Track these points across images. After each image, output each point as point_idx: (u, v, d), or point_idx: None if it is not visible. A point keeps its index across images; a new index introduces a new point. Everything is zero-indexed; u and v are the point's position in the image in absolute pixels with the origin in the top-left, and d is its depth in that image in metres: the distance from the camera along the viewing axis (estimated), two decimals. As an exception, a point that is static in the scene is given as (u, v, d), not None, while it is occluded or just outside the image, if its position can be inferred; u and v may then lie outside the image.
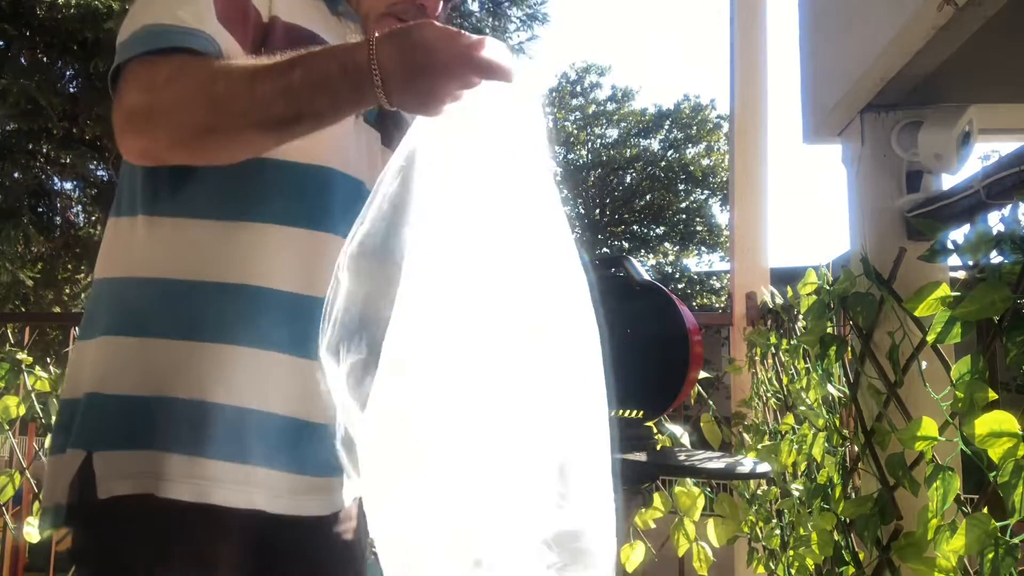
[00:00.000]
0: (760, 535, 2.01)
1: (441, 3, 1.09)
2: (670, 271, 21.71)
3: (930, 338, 1.03)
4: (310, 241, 1.02)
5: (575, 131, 24.35)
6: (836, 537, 1.41)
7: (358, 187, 1.04)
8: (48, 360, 2.45)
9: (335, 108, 0.90)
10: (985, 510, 0.95)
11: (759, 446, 1.94)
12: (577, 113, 24.56)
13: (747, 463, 1.30)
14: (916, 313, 1.08)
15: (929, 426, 1.07)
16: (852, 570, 1.37)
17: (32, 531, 2.29)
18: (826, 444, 1.51)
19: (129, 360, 0.97)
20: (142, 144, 0.93)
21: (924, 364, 1.19)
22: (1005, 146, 1.35)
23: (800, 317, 1.71)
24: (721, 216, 21.97)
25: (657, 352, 1.35)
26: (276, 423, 0.98)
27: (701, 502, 2.09)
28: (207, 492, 0.93)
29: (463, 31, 0.87)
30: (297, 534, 1.03)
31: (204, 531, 0.95)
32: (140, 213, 1.01)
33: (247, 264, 0.98)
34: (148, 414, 0.94)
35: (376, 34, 0.87)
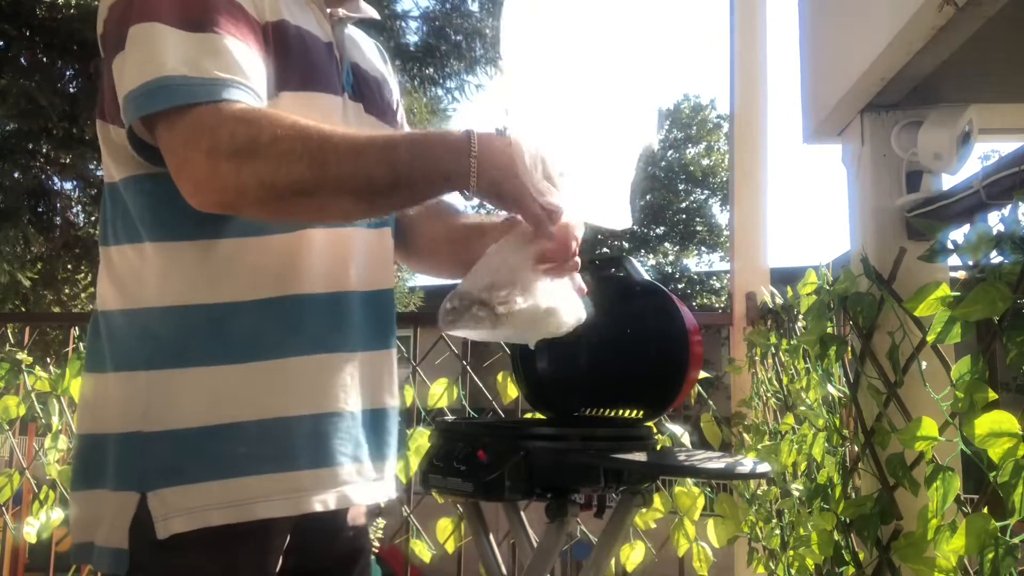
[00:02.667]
0: (760, 535, 2.01)
1: None
2: (670, 271, 21.71)
3: (930, 338, 1.03)
4: (335, 239, 1.02)
5: (575, 131, 24.34)
6: (836, 537, 1.41)
7: None
8: (48, 360, 2.45)
9: (429, 185, 0.92)
10: (985, 510, 0.95)
11: (759, 446, 1.93)
12: (577, 113, 24.55)
13: (747, 463, 1.30)
14: (916, 313, 1.08)
15: (929, 426, 1.07)
16: (852, 570, 1.37)
17: (32, 531, 2.28)
18: (826, 444, 1.51)
19: (172, 393, 0.93)
20: (227, 197, 0.87)
21: (924, 364, 1.19)
22: (1005, 146, 1.35)
23: (800, 317, 1.71)
24: (721, 216, 21.97)
25: (657, 352, 1.35)
26: (345, 420, 1.00)
27: (701, 502, 2.09)
28: (305, 503, 0.95)
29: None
30: (330, 527, 1.07)
31: (265, 542, 0.97)
32: (147, 240, 0.97)
33: (280, 275, 0.97)
34: (208, 444, 0.92)
35: (477, 134, 0.91)
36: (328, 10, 1.08)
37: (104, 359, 0.99)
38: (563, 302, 1.01)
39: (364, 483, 1.03)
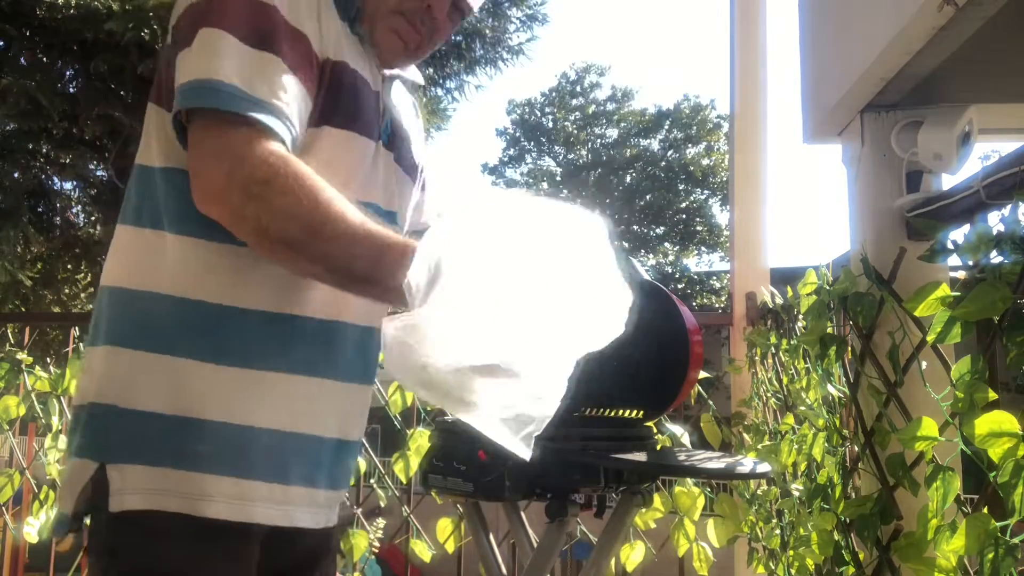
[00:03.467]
0: (760, 535, 2.01)
1: (448, 6, 1.10)
2: (670, 271, 21.73)
3: (930, 338, 1.03)
4: None
5: (575, 131, 24.36)
6: (836, 537, 1.41)
7: (392, 216, 1.12)
8: (48, 360, 2.45)
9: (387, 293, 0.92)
10: (985, 510, 0.95)
11: (759, 446, 1.94)
12: (577, 113, 24.57)
13: (747, 463, 1.30)
14: (916, 313, 1.08)
15: (929, 426, 1.07)
16: (852, 570, 1.37)
17: (32, 531, 2.29)
18: (826, 444, 1.51)
19: (155, 377, 0.96)
20: (224, 218, 0.92)
21: (924, 364, 1.19)
22: (1005, 146, 1.35)
23: (800, 317, 1.71)
24: (721, 216, 21.99)
25: (657, 352, 1.35)
26: (313, 443, 1.03)
27: (701, 502, 2.09)
28: (250, 512, 0.96)
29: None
30: (309, 542, 1.09)
31: (225, 546, 0.97)
32: (167, 230, 1.00)
33: (284, 294, 1.00)
34: (178, 433, 0.95)
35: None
36: (381, 67, 1.14)
37: (98, 333, 1.02)
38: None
39: (313, 507, 1.04)
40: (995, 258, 0.96)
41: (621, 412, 1.38)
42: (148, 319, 0.98)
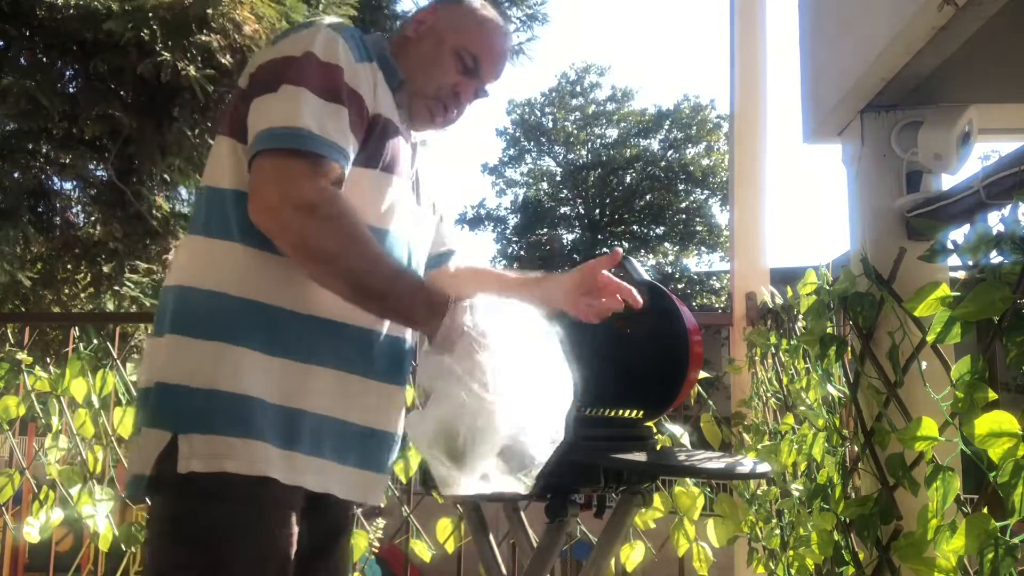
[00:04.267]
0: (760, 535, 2.01)
1: (472, 95, 1.34)
2: (670, 271, 21.72)
3: (930, 338, 1.03)
4: None
5: (575, 131, 24.34)
6: (836, 537, 1.41)
7: (410, 249, 1.31)
8: (48, 360, 2.45)
9: (400, 317, 1.21)
10: (985, 510, 0.95)
11: (759, 446, 1.94)
12: (577, 113, 24.55)
13: (747, 463, 1.30)
14: (916, 313, 1.08)
15: (929, 426, 1.07)
16: (852, 570, 1.37)
17: (32, 531, 2.29)
18: (826, 444, 1.51)
19: (218, 362, 1.12)
20: (271, 228, 1.10)
21: (924, 364, 1.19)
22: (1005, 146, 1.35)
23: (800, 317, 1.71)
24: (721, 216, 21.98)
25: (657, 352, 1.35)
26: (343, 427, 1.19)
27: (701, 502, 2.09)
28: (297, 477, 1.13)
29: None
30: (341, 519, 1.29)
31: (280, 503, 1.13)
32: (238, 241, 1.16)
33: (329, 302, 1.16)
34: (238, 409, 1.10)
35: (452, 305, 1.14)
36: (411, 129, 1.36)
37: (164, 324, 1.17)
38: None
39: (345, 481, 1.20)
40: (995, 258, 0.97)
41: (621, 412, 1.38)
42: (214, 314, 1.15)
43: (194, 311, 1.16)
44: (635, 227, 23.21)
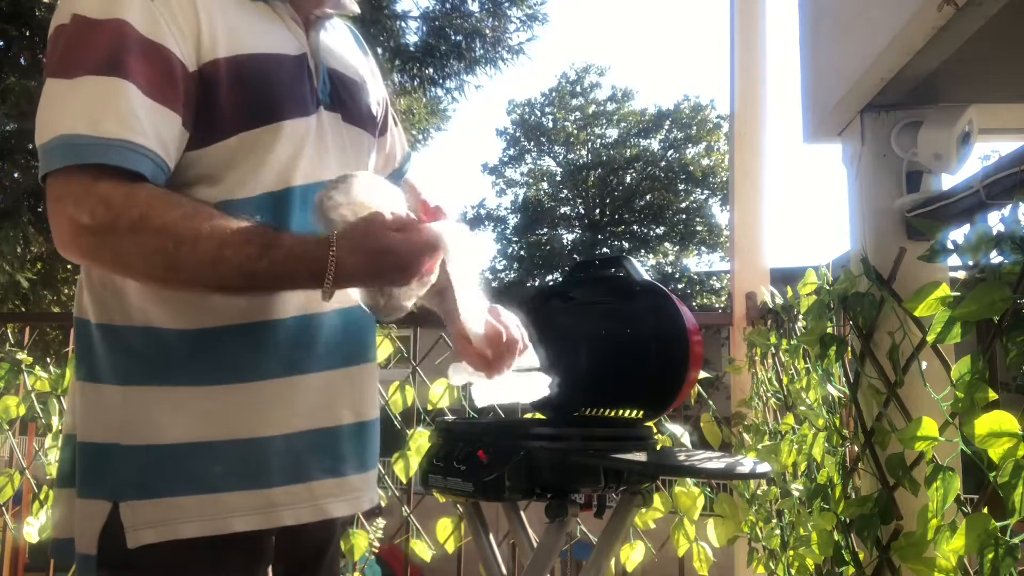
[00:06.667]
0: (760, 535, 2.01)
1: None
2: (670, 271, 21.73)
3: (930, 338, 1.03)
4: None
5: (575, 131, 24.35)
6: (836, 537, 1.41)
7: None
8: (48, 360, 2.45)
9: (291, 290, 0.98)
10: (985, 510, 0.95)
11: (759, 446, 1.94)
12: (577, 113, 24.56)
13: (747, 463, 1.30)
14: (916, 313, 1.08)
15: (929, 426, 1.07)
16: (852, 570, 1.37)
17: (32, 531, 2.28)
18: (826, 444, 1.51)
19: (152, 409, 0.96)
20: (86, 261, 0.96)
21: (924, 364, 1.19)
22: (1005, 146, 1.35)
23: (800, 317, 1.71)
24: (721, 216, 21.99)
25: (657, 352, 1.35)
26: (327, 436, 1.04)
27: (701, 502, 2.09)
28: (277, 517, 0.98)
29: (419, 224, 0.96)
30: (329, 530, 1.15)
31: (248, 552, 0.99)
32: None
33: (251, 301, 0.99)
34: (187, 460, 0.95)
35: (336, 236, 0.91)
36: (303, 15, 1.07)
37: (82, 367, 1.02)
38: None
39: (342, 496, 1.06)
40: (995, 258, 0.96)
41: (621, 412, 1.38)
42: (127, 353, 0.98)
43: (99, 351, 0.99)
44: (635, 227, 23.22)
